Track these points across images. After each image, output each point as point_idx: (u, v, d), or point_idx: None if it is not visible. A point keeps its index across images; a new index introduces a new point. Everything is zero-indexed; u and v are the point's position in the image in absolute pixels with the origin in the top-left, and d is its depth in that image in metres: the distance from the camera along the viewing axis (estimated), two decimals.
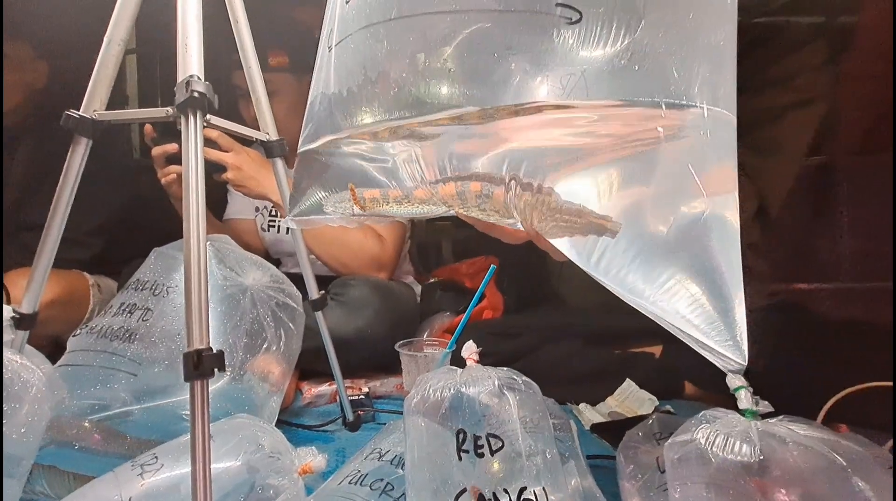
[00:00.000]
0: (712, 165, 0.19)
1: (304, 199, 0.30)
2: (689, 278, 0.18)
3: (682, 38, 0.20)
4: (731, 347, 0.17)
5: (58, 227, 0.41)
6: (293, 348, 0.58)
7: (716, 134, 0.19)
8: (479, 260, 0.98)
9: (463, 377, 0.32)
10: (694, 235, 0.18)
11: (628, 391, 0.65)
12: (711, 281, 0.18)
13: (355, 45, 0.25)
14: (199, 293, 0.28)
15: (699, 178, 0.19)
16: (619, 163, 0.20)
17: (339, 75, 0.26)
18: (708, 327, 0.17)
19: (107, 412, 0.47)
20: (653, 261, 0.19)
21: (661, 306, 0.18)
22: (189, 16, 0.34)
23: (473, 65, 0.22)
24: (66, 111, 0.40)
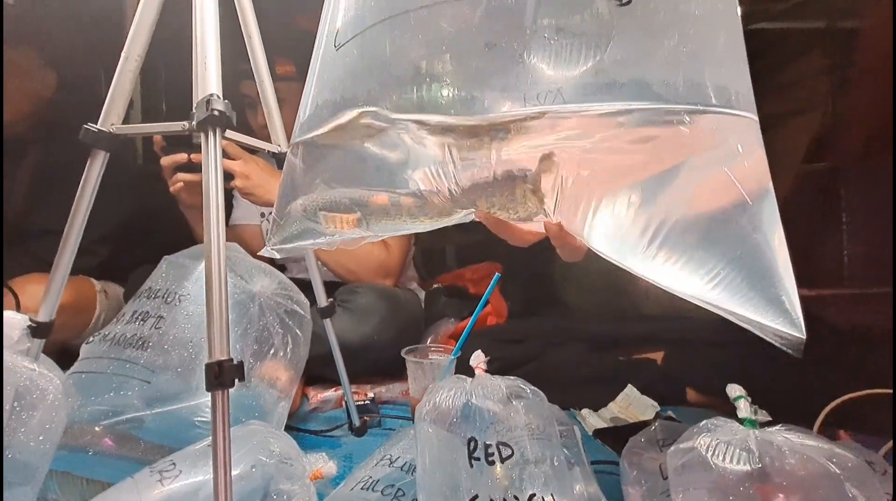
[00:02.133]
0: (744, 161, 0.20)
1: (287, 225, 0.29)
2: (737, 264, 0.18)
3: (693, 47, 0.21)
4: (787, 323, 0.17)
5: (75, 237, 0.42)
6: (301, 354, 0.59)
7: (742, 135, 0.20)
8: (483, 266, 0.99)
9: (472, 386, 0.33)
10: (738, 224, 0.19)
11: (631, 396, 0.66)
12: (761, 264, 0.18)
13: (377, 38, 0.24)
14: (220, 305, 0.29)
15: (734, 174, 0.20)
16: (655, 174, 0.21)
17: (360, 69, 0.25)
18: (763, 307, 0.18)
19: (120, 417, 0.47)
20: (698, 253, 0.19)
21: (713, 294, 0.18)
22: (207, 35, 0.35)
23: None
24: (85, 125, 0.41)
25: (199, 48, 0.35)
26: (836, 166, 0.86)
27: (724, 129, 0.20)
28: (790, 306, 0.17)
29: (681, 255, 0.20)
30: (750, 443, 0.27)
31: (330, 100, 0.26)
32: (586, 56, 0.21)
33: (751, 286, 0.18)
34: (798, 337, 0.17)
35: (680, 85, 0.20)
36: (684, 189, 0.20)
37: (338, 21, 0.26)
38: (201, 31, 0.35)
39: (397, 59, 0.24)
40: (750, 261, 0.18)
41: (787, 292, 0.18)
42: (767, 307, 0.17)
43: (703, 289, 0.19)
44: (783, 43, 0.70)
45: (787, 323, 0.17)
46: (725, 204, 0.19)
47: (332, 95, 0.26)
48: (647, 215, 0.21)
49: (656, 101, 0.20)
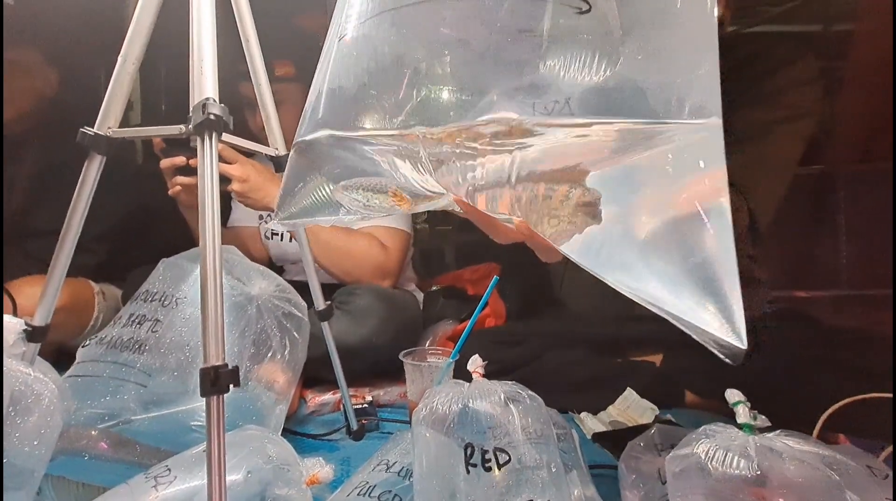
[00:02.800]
0: (703, 168, 0.20)
1: (295, 200, 0.29)
2: (686, 272, 0.19)
3: (662, 57, 0.21)
4: (729, 333, 0.18)
5: (71, 241, 0.42)
6: (298, 357, 0.59)
7: (704, 139, 0.20)
8: (481, 267, 0.99)
9: (470, 391, 0.33)
10: (689, 232, 0.19)
11: (629, 400, 0.65)
12: (708, 274, 0.19)
13: (388, 28, 0.24)
14: (216, 310, 0.29)
15: (690, 181, 0.20)
16: (611, 171, 0.21)
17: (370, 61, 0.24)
18: (704, 314, 0.18)
19: (116, 420, 0.47)
20: (649, 257, 0.20)
21: (660, 298, 0.19)
22: (204, 39, 0.35)
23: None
24: (82, 129, 0.40)
25: (195, 52, 0.35)
26: (832, 170, 0.87)
27: (687, 139, 0.20)
28: (736, 317, 0.18)
29: (631, 258, 0.20)
30: (749, 449, 0.27)
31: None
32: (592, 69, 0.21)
33: (697, 295, 0.18)
34: (739, 348, 0.18)
35: (649, 96, 0.20)
36: (638, 194, 0.21)
37: (345, 13, 0.26)
38: (198, 35, 0.35)
39: (394, 59, 0.24)
40: (698, 271, 0.19)
41: (733, 303, 0.18)
42: (712, 317, 0.18)
43: (650, 293, 0.19)
44: (776, 48, 0.70)
45: (729, 333, 0.18)
46: (681, 213, 0.19)
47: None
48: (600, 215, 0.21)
49: (627, 114, 0.20)
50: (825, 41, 0.93)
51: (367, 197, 0.27)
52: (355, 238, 0.77)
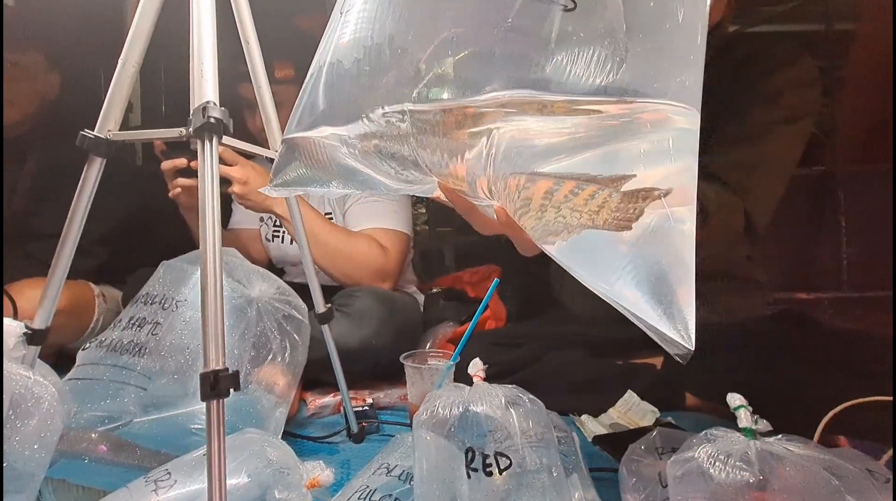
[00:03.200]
0: (673, 159, 0.20)
1: (290, 168, 0.29)
2: (644, 267, 0.19)
3: (661, 58, 0.21)
4: (678, 333, 0.19)
5: (71, 244, 0.42)
6: (298, 359, 0.59)
7: (679, 129, 0.20)
8: (481, 269, 0.99)
9: (471, 395, 0.33)
10: (651, 227, 0.20)
11: (630, 402, 0.65)
12: (667, 276, 0.19)
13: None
14: (216, 314, 0.29)
15: (657, 172, 0.20)
16: (581, 157, 0.21)
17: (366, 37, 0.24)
18: (660, 314, 0.19)
19: (116, 423, 0.47)
20: (611, 251, 0.20)
21: (617, 292, 0.20)
22: (204, 42, 0.35)
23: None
24: (82, 131, 0.41)
25: (195, 55, 0.35)
26: (833, 171, 0.87)
27: (662, 122, 0.20)
28: (686, 320, 0.19)
29: (599, 256, 0.21)
30: (750, 454, 0.27)
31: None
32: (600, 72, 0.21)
33: (654, 296, 0.19)
34: (686, 348, 0.19)
35: (626, 78, 0.20)
36: (606, 181, 0.21)
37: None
38: (198, 38, 0.35)
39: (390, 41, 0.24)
40: (658, 273, 0.19)
41: (684, 306, 0.19)
42: (667, 318, 0.19)
43: (613, 289, 0.20)
44: (775, 49, 0.70)
45: (678, 334, 0.19)
46: (649, 213, 0.20)
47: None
48: (568, 204, 0.21)
49: (600, 93, 0.20)
50: (825, 41, 0.93)
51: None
52: (355, 240, 0.77)
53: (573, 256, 0.21)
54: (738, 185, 0.62)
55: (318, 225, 0.74)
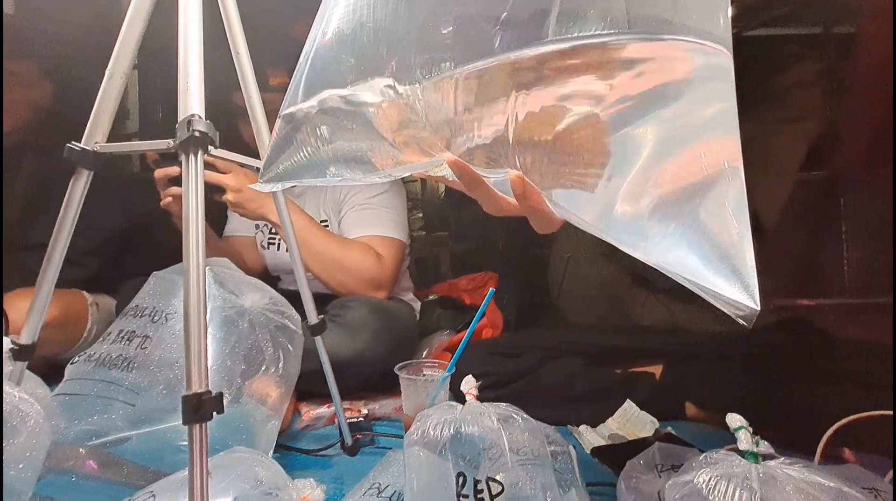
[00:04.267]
0: (715, 115, 0.20)
1: (281, 160, 0.28)
2: (696, 229, 0.18)
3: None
4: (742, 293, 0.17)
5: (58, 258, 0.41)
6: (291, 370, 0.58)
7: (716, 78, 0.19)
8: (478, 275, 0.98)
9: (462, 415, 0.32)
10: (700, 188, 0.19)
11: (629, 412, 0.64)
12: (722, 237, 0.18)
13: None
14: (199, 336, 0.28)
15: (702, 135, 0.19)
16: (623, 116, 0.20)
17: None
18: (718, 275, 0.18)
19: (104, 438, 0.46)
20: (663, 220, 0.19)
21: (673, 261, 0.19)
22: (191, 54, 0.34)
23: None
24: (68, 144, 0.40)
25: (181, 67, 0.34)
26: (835, 174, 0.86)
27: (699, 72, 0.20)
28: (748, 278, 0.18)
29: (641, 217, 0.19)
30: (751, 479, 0.26)
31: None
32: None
33: (710, 258, 0.18)
34: (752, 308, 0.17)
35: (651, 12, 0.20)
36: (653, 157, 0.20)
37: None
38: (184, 50, 0.34)
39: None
40: (712, 234, 0.18)
41: (746, 265, 0.18)
42: (726, 278, 0.18)
43: (660, 254, 0.19)
44: (779, 49, 0.69)
45: (743, 295, 0.17)
46: (695, 177, 0.19)
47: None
48: (609, 169, 0.20)
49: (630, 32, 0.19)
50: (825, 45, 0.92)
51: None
52: (350, 248, 0.76)
53: (612, 225, 0.20)
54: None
55: (312, 233, 0.74)
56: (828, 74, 0.88)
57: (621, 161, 0.20)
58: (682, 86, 0.20)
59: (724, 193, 0.19)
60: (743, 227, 0.18)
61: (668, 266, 0.19)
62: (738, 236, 0.18)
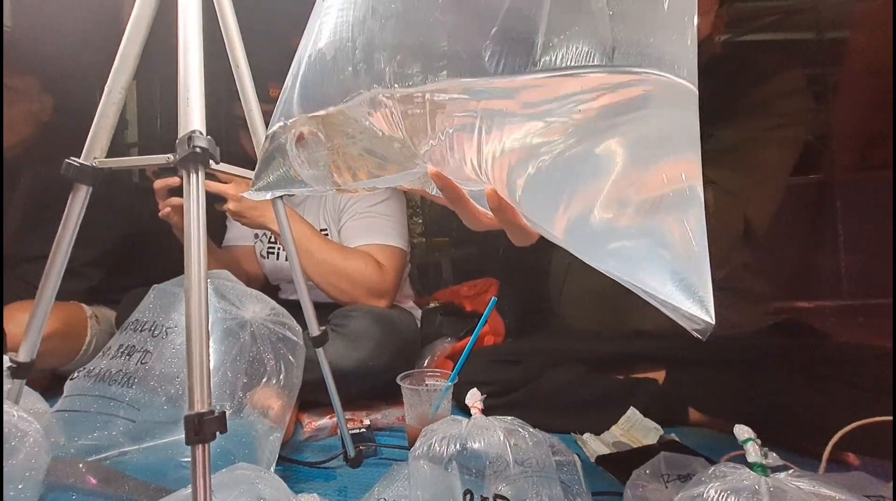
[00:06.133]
0: (676, 137, 0.20)
1: (271, 170, 0.29)
2: (656, 245, 0.19)
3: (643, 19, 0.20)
4: (698, 307, 0.18)
5: (57, 274, 0.41)
6: (293, 381, 0.57)
7: (678, 106, 0.20)
8: (479, 282, 0.98)
9: (468, 430, 0.32)
10: (661, 206, 0.19)
11: (633, 419, 0.64)
12: (679, 248, 0.19)
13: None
14: (201, 354, 0.28)
15: (664, 156, 0.20)
16: (588, 137, 0.21)
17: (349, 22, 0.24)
18: (676, 289, 0.19)
19: (104, 453, 0.46)
20: (621, 231, 0.20)
21: (630, 271, 0.19)
22: (191, 70, 0.34)
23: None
24: (67, 159, 0.40)
25: (182, 83, 0.34)
26: (830, 179, 0.86)
27: (664, 99, 0.20)
28: (704, 293, 0.18)
29: (604, 232, 0.20)
30: (760, 493, 0.26)
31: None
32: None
33: (669, 272, 0.19)
34: (707, 322, 0.18)
35: (626, 50, 0.20)
36: (613, 165, 0.20)
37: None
38: (185, 66, 0.34)
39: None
40: (671, 250, 0.19)
41: (704, 281, 0.18)
42: (684, 293, 0.18)
43: (622, 268, 0.20)
44: (768, 55, 0.70)
45: (699, 309, 0.18)
46: (656, 194, 0.20)
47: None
48: (571, 185, 0.21)
49: (602, 65, 0.20)
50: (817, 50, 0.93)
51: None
52: (351, 257, 0.76)
53: (578, 239, 0.21)
54: (735, 189, 0.62)
55: (313, 242, 0.73)
56: (821, 78, 0.89)
57: (586, 179, 0.21)
58: (646, 109, 0.20)
59: (683, 211, 0.19)
60: (701, 244, 0.19)
61: (630, 279, 0.19)
62: (697, 252, 0.19)
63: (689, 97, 0.20)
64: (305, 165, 0.28)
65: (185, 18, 0.34)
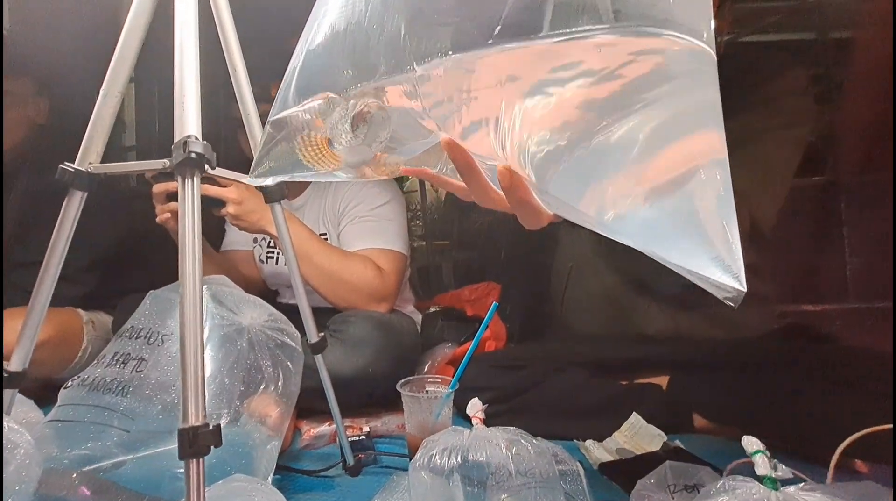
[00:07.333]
0: (701, 108, 0.20)
1: (271, 156, 0.29)
2: (685, 217, 0.19)
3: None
4: (727, 275, 0.18)
5: (50, 282, 0.40)
6: (292, 388, 0.57)
7: (701, 74, 0.20)
8: (481, 285, 0.97)
9: (470, 442, 0.31)
10: (687, 179, 0.20)
11: (637, 425, 0.63)
12: (707, 219, 0.19)
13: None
14: (196, 366, 0.27)
15: (688, 129, 0.20)
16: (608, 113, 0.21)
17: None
18: (705, 259, 0.19)
19: (98, 463, 0.45)
20: (648, 205, 0.20)
21: (657, 243, 0.20)
22: (187, 74, 0.34)
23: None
24: (61, 165, 0.39)
25: (178, 87, 0.33)
26: (835, 180, 0.86)
27: (682, 63, 0.20)
28: (734, 261, 0.18)
29: (632, 207, 0.20)
30: None
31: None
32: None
33: (697, 242, 0.19)
34: (739, 289, 0.18)
35: (637, 9, 0.20)
36: (638, 140, 0.20)
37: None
38: (180, 70, 0.34)
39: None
40: (697, 218, 0.19)
41: (732, 249, 0.18)
42: (713, 262, 0.19)
43: (649, 241, 0.20)
44: (775, 55, 0.70)
45: (728, 277, 0.18)
46: (681, 165, 0.20)
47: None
48: (594, 158, 0.21)
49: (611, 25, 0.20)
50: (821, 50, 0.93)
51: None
52: (350, 261, 0.75)
53: (605, 216, 0.21)
54: (740, 188, 0.61)
55: (312, 246, 0.73)
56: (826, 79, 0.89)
57: (611, 156, 0.21)
58: (667, 80, 0.20)
59: (710, 183, 0.19)
60: (728, 214, 0.19)
61: (657, 251, 0.19)
62: (725, 221, 0.19)
63: (710, 63, 0.20)
64: (355, 149, 0.26)
65: (181, 22, 0.34)
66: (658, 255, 0.19)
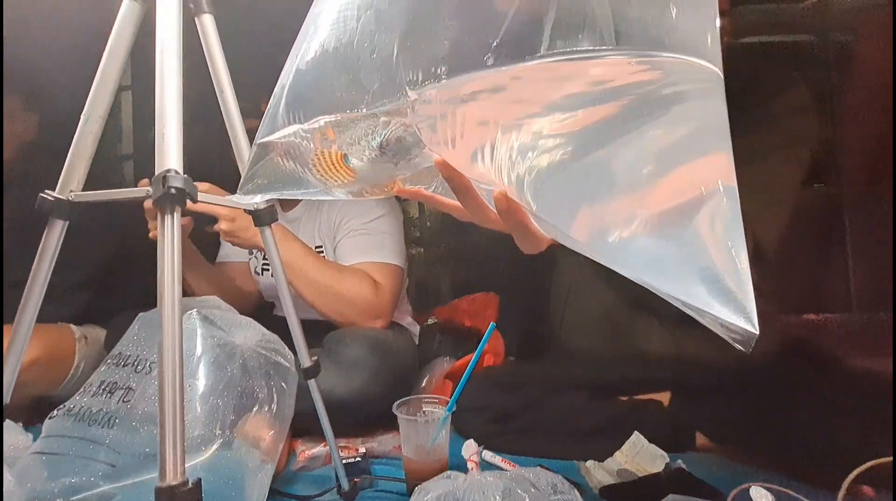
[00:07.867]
0: (706, 131, 0.19)
1: (259, 173, 0.28)
2: (690, 249, 0.18)
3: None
4: (737, 316, 0.16)
5: (31, 313, 0.38)
6: (286, 410, 0.55)
7: (705, 94, 0.19)
8: (479, 296, 0.96)
9: (464, 490, 0.30)
10: (693, 207, 0.18)
11: (638, 445, 0.62)
12: (715, 252, 0.18)
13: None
14: (175, 419, 0.26)
15: (694, 152, 0.19)
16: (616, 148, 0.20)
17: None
18: (713, 296, 0.17)
19: (83, 494, 0.44)
20: (651, 234, 0.19)
21: (662, 278, 0.18)
22: (168, 105, 0.32)
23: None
24: (41, 193, 0.38)
25: (158, 119, 0.32)
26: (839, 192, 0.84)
27: (687, 82, 0.19)
28: (745, 300, 0.17)
29: (633, 236, 0.19)
30: None
31: None
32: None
33: (704, 278, 0.17)
34: (750, 332, 0.16)
35: (640, 29, 0.19)
36: (640, 164, 0.19)
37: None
38: (161, 101, 0.32)
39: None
40: (706, 255, 0.18)
41: (743, 286, 0.17)
42: (721, 300, 0.17)
43: (652, 275, 0.18)
44: (776, 70, 0.68)
45: (739, 317, 0.16)
46: (687, 196, 0.18)
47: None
48: (591, 183, 0.20)
49: (616, 46, 0.19)
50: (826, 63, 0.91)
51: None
52: (346, 276, 0.73)
53: (602, 245, 0.19)
54: (743, 208, 0.60)
55: (307, 261, 0.71)
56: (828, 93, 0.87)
57: (610, 179, 0.20)
58: (672, 102, 0.19)
59: (718, 212, 0.18)
60: (739, 247, 0.17)
61: (656, 283, 0.18)
62: (734, 256, 0.17)
63: (715, 82, 0.19)
64: (378, 166, 0.25)
65: (162, 51, 0.32)
66: (656, 287, 0.18)
